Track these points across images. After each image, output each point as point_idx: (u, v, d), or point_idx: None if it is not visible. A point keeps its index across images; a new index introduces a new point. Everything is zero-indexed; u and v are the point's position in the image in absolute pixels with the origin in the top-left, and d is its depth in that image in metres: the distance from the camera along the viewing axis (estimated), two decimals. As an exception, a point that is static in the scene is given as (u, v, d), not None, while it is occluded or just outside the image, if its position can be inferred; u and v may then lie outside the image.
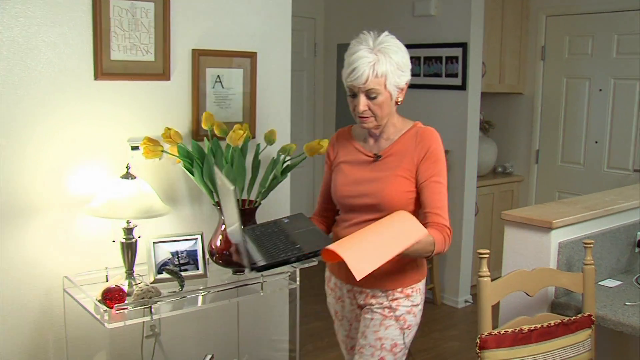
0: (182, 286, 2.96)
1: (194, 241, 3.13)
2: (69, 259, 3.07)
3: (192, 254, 3.13)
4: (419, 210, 2.51)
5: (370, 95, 2.35)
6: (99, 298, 2.78)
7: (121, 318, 2.74)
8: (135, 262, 2.99)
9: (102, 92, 3.05)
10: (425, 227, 2.32)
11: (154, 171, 3.18)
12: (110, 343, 2.75)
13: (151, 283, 3.02)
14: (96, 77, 3.02)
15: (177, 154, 3.06)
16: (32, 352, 3.06)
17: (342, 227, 2.59)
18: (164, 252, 3.07)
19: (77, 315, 3.06)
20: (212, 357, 3.38)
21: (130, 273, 2.97)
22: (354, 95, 2.39)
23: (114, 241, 2.97)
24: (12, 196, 2.89)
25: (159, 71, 3.18)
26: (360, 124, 2.45)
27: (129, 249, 2.93)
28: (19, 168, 2.89)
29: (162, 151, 3.04)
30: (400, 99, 2.46)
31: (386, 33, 2.41)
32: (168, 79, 3.21)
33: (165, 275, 3.03)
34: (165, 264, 3.07)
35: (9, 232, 2.91)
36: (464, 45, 5.45)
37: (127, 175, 2.91)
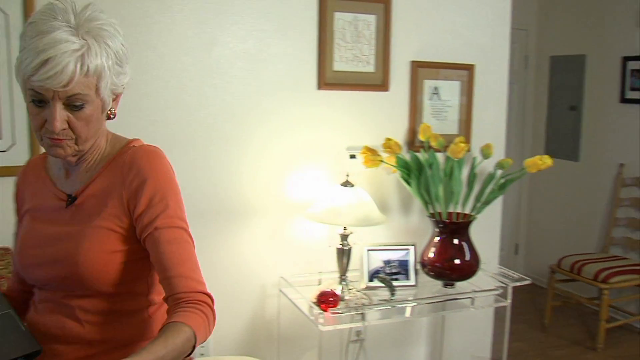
0: (393, 295, 2.99)
1: (406, 251, 3.15)
2: (285, 260, 3.20)
3: (403, 264, 3.15)
4: (148, 278, 1.63)
5: (73, 103, 1.44)
6: (314, 300, 2.87)
7: (334, 322, 2.81)
8: (349, 268, 3.05)
9: (324, 101, 3.16)
10: (174, 305, 1.48)
11: (368, 180, 3.24)
12: (319, 344, 2.83)
13: (362, 289, 3.07)
14: (319, 87, 3.13)
15: (394, 164, 3.09)
16: (244, 346, 3.24)
17: (35, 311, 1.61)
18: (377, 260, 3.12)
19: (289, 315, 3.19)
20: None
21: (343, 278, 3.04)
22: (41, 103, 1.43)
23: (329, 246, 3.05)
24: (233, 199, 3.08)
25: (379, 82, 3.24)
26: (49, 150, 1.49)
27: (344, 255, 3.00)
28: (240, 172, 3.08)
29: (381, 161, 3.09)
30: (114, 110, 1.61)
31: (92, 3, 1.50)
32: (387, 89, 3.26)
33: (376, 282, 3.08)
34: (377, 271, 3.11)
35: (230, 233, 3.09)
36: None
37: (347, 183, 2.98)
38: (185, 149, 2.96)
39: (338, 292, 2.95)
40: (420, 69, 3.32)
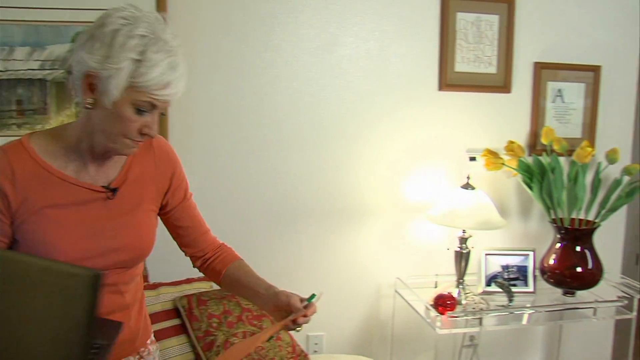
0: (511, 301, 2.93)
1: (525, 257, 3.08)
2: (400, 261, 3.20)
3: (522, 270, 3.08)
4: None
5: (163, 112, 1.55)
6: (431, 303, 2.85)
7: (451, 325, 2.78)
8: (466, 272, 3.01)
9: (445, 102, 3.13)
10: (220, 249, 1.86)
11: (488, 183, 3.18)
12: (435, 347, 2.81)
13: (479, 294, 3.02)
14: (440, 88, 3.11)
15: (516, 168, 3.03)
16: (357, 345, 3.25)
17: None
18: (495, 265, 3.07)
19: (404, 316, 3.18)
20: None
21: (460, 282, 3.00)
22: (141, 112, 1.46)
23: (448, 249, 3.02)
24: (351, 198, 3.10)
25: (500, 83, 3.18)
26: (127, 150, 1.54)
27: (462, 258, 2.96)
28: (358, 172, 3.10)
29: (503, 164, 3.03)
30: None
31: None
32: (509, 91, 3.19)
33: (494, 287, 3.02)
34: (494, 276, 3.06)
35: (346, 232, 3.11)
36: None
37: (467, 186, 2.94)
38: (305, 149, 3.00)
39: (455, 295, 2.91)
40: (543, 70, 3.23)
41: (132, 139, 1.49)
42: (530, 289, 3.07)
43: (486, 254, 3.06)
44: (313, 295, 1.76)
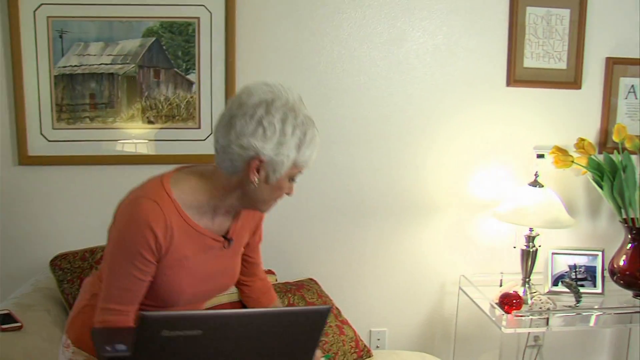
0: (578, 302, 2.87)
1: (593, 257, 3.01)
2: (465, 259, 3.17)
3: (590, 270, 3.01)
4: None
5: None
6: (496, 301, 2.82)
7: (516, 324, 2.75)
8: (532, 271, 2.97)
9: (513, 98, 3.08)
10: (260, 281, 2.05)
11: (556, 181, 3.12)
12: (500, 346, 2.78)
13: (546, 293, 2.97)
14: (508, 84, 3.06)
15: (586, 166, 2.96)
16: (419, 341, 3.24)
17: None
18: (562, 264, 3.01)
19: (468, 314, 3.16)
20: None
21: (526, 281, 2.96)
22: (293, 180, 1.69)
23: (514, 247, 2.98)
24: (416, 194, 3.09)
25: (570, 79, 3.11)
26: (268, 208, 1.74)
27: (529, 257, 2.92)
28: (424, 167, 3.08)
29: (572, 161, 2.97)
30: None
31: None
32: (579, 87, 3.12)
33: (560, 287, 2.97)
34: (561, 276, 3.00)
35: (411, 229, 3.10)
36: None
37: (536, 183, 2.90)
38: (370, 144, 3.00)
39: (521, 294, 2.87)
40: (615, 66, 3.15)
41: (277, 200, 1.70)
42: (599, 290, 3.01)
43: (553, 253, 3.01)
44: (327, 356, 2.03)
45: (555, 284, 3.01)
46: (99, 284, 1.69)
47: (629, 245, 2.93)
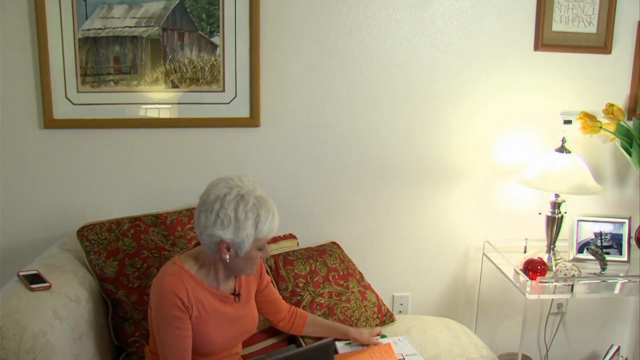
0: (604, 269, 2.85)
1: (620, 224, 2.98)
2: (489, 225, 3.15)
3: (616, 238, 2.99)
4: None
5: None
6: (521, 267, 2.80)
7: (540, 290, 2.73)
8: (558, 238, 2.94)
9: (540, 63, 3.03)
10: (286, 311, 2.47)
11: (583, 147, 3.08)
12: (524, 313, 2.76)
13: (570, 260, 2.95)
14: (536, 48, 3.01)
15: (614, 132, 2.92)
16: (442, 307, 3.25)
17: None
18: (588, 232, 2.99)
19: (491, 280, 3.15)
20: (617, 349, 3.20)
21: (552, 247, 2.94)
22: (262, 249, 2.10)
23: (540, 213, 2.95)
24: (442, 160, 3.06)
25: (600, 44, 3.05)
26: (250, 270, 2.14)
27: (554, 223, 2.90)
28: (450, 133, 3.05)
29: (600, 127, 2.92)
30: None
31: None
32: (609, 52, 3.06)
33: (586, 255, 2.95)
34: (587, 243, 2.98)
35: (436, 194, 3.09)
36: None
37: (562, 149, 2.86)
38: (395, 108, 2.97)
39: (545, 261, 2.85)
40: (647, 30, 3.08)
41: (256, 266, 2.12)
42: (624, 258, 2.98)
43: (579, 220, 2.98)
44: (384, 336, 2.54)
45: (580, 251, 2.99)
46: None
47: (659, 212, 2.90)
